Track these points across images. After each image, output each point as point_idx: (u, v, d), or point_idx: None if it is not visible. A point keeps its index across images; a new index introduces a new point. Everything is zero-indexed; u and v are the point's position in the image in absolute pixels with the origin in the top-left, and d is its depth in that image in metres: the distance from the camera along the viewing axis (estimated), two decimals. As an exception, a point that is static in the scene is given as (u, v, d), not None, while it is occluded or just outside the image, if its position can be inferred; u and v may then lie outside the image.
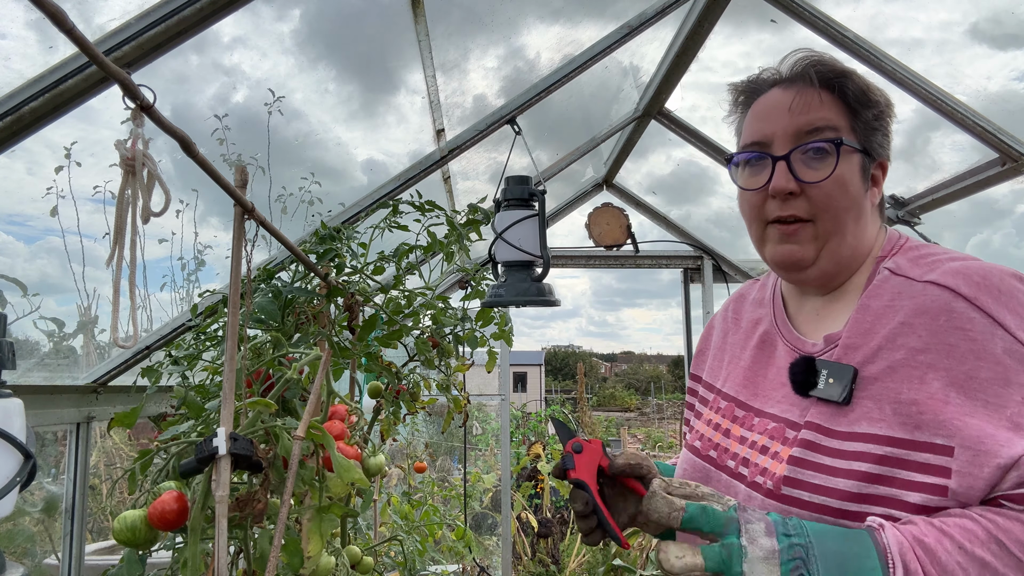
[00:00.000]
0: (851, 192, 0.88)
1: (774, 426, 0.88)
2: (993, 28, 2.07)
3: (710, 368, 1.10)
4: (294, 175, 2.35)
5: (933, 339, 0.77)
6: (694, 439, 1.03)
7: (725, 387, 1.02)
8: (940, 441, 0.73)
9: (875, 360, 0.80)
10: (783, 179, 0.88)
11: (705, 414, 1.04)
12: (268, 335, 1.34)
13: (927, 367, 0.76)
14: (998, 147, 2.26)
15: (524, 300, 1.68)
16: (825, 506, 0.76)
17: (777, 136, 0.90)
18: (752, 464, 0.88)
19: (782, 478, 0.81)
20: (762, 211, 0.93)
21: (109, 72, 0.66)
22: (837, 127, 0.88)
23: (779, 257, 0.92)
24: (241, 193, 1.00)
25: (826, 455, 0.79)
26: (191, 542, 0.91)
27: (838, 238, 0.89)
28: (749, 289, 1.13)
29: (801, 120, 0.89)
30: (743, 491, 0.88)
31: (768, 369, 0.96)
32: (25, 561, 2.41)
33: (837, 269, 0.92)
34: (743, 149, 0.95)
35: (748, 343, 1.02)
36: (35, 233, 2.13)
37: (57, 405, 1.86)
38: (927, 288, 0.81)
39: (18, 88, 1.13)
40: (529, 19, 2.12)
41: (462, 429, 4.50)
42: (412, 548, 2.90)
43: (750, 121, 0.95)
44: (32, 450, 0.82)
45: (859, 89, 0.90)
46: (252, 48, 1.83)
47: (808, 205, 0.89)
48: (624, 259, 3.69)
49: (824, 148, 0.87)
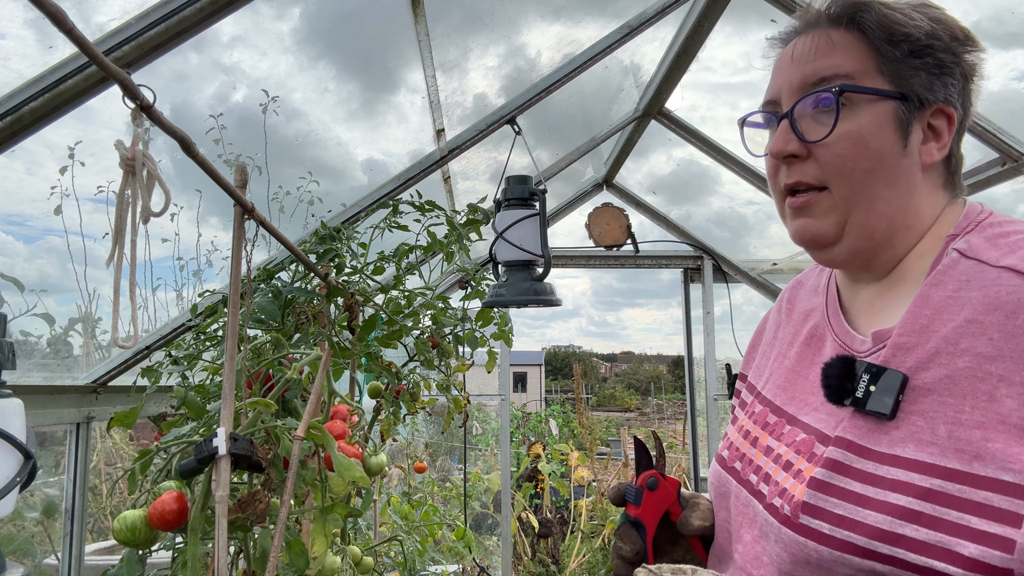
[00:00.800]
0: (875, 149, 0.71)
1: (804, 438, 0.73)
2: (995, 27, 2.07)
3: (757, 367, 0.94)
4: (294, 175, 2.36)
5: (1008, 344, 0.60)
6: (723, 448, 0.89)
7: (765, 389, 0.87)
8: (1010, 479, 0.56)
9: (930, 366, 0.64)
10: (782, 140, 0.75)
11: (740, 419, 0.90)
12: (268, 335, 1.34)
13: (999, 380, 0.59)
14: (998, 147, 2.26)
15: (525, 300, 1.68)
16: (849, 543, 0.62)
17: (783, 91, 0.77)
18: (773, 482, 0.73)
19: (800, 504, 0.66)
20: (776, 180, 0.79)
21: (109, 72, 0.66)
22: (850, 71, 0.72)
23: (795, 234, 0.78)
24: (241, 193, 1.00)
25: (856, 480, 0.64)
26: (191, 542, 0.91)
27: (865, 208, 0.72)
28: (808, 275, 0.95)
29: (807, 69, 0.74)
30: (760, 514, 0.74)
31: (811, 369, 0.80)
32: (25, 561, 2.41)
33: (873, 246, 0.74)
34: (759, 110, 0.82)
35: (796, 338, 0.86)
36: (35, 233, 2.13)
37: (57, 405, 1.86)
38: (1002, 275, 0.63)
39: (18, 88, 1.13)
40: (531, 17, 2.12)
41: (462, 429, 4.50)
42: (412, 548, 2.89)
43: (769, 80, 0.82)
44: (32, 450, 0.82)
45: (880, 20, 0.72)
46: (252, 47, 1.83)
47: (818, 168, 0.74)
48: (624, 259, 3.69)
49: (827, 99, 0.72)
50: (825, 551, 0.64)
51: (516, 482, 5.80)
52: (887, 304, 0.75)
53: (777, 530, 0.69)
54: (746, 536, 0.77)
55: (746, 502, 0.78)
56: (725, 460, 0.86)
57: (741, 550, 0.77)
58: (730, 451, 0.87)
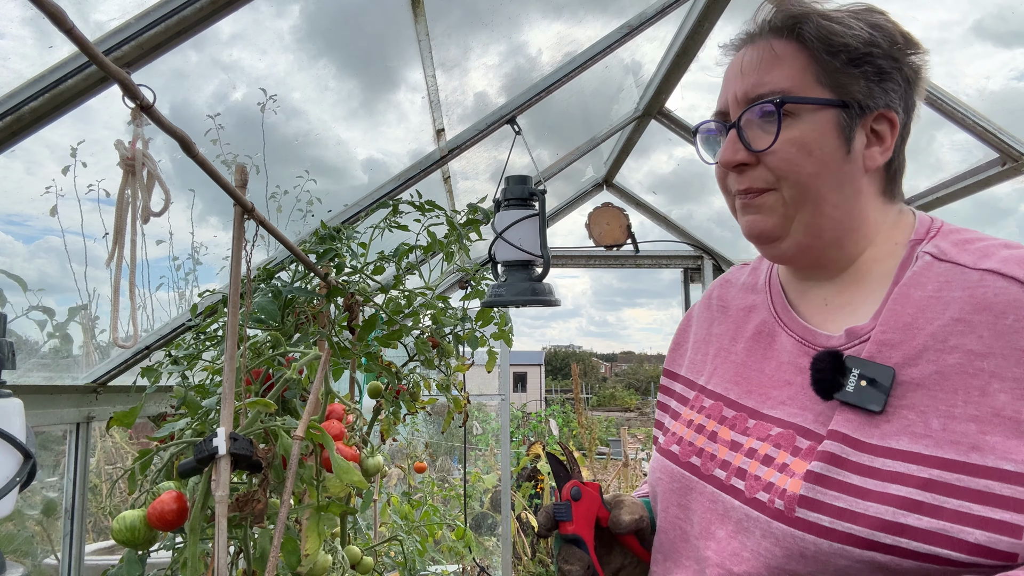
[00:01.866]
0: (819, 155, 0.74)
1: (780, 432, 0.74)
2: (998, 25, 2.07)
3: (691, 363, 0.95)
4: (294, 174, 2.35)
5: (998, 342, 0.63)
6: (670, 443, 0.87)
7: (711, 384, 0.88)
8: (1011, 468, 0.59)
9: (918, 362, 0.66)
10: (730, 150, 0.79)
11: (684, 414, 0.89)
12: (268, 335, 1.34)
13: (991, 375, 0.62)
14: (998, 147, 2.26)
15: (524, 300, 1.68)
16: (850, 535, 0.63)
17: (731, 102, 0.80)
18: (751, 476, 0.73)
19: (797, 497, 0.67)
20: (726, 184, 0.84)
21: (109, 72, 0.66)
22: (790, 83, 0.75)
23: (745, 229, 0.82)
24: (241, 193, 0.99)
25: (854, 473, 0.65)
26: (191, 542, 0.91)
27: (811, 208, 0.76)
28: (737, 274, 0.98)
29: (750, 81, 0.77)
30: (738, 509, 0.73)
31: (766, 364, 0.82)
32: (25, 561, 2.41)
33: (820, 244, 0.78)
34: (708, 119, 0.85)
35: (740, 334, 0.88)
36: (34, 233, 2.13)
37: (57, 405, 1.86)
38: (985, 278, 0.66)
39: (18, 88, 1.13)
40: (532, 15, 2.12)
41: (462, 429, 4.50)
42: (412, 548, 2.89)
43: (720, 89, 0.85)
44: (32, 450, 0.82)
45: (818, 33, 0.75)
46: (251, 44, 1.83)
47: (767, 174, 0.77)
48: (624, 259, 3.69)
49: (767, 110, 0.76)
50: (825, 544, 0.64)
51: (516, 482, 5.80)
52: (846, 303, 0.78)
53: (766, 525, 0.69)
54: (719, 532, 0.76)
55: (713, 498, 0.77)
56: (678, 456, 0.85)
57: (715, 547, 0.75)
58: (681, 447, 0.85)
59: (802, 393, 0.75)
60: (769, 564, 0.69)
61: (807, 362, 0.76)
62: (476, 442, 7.03)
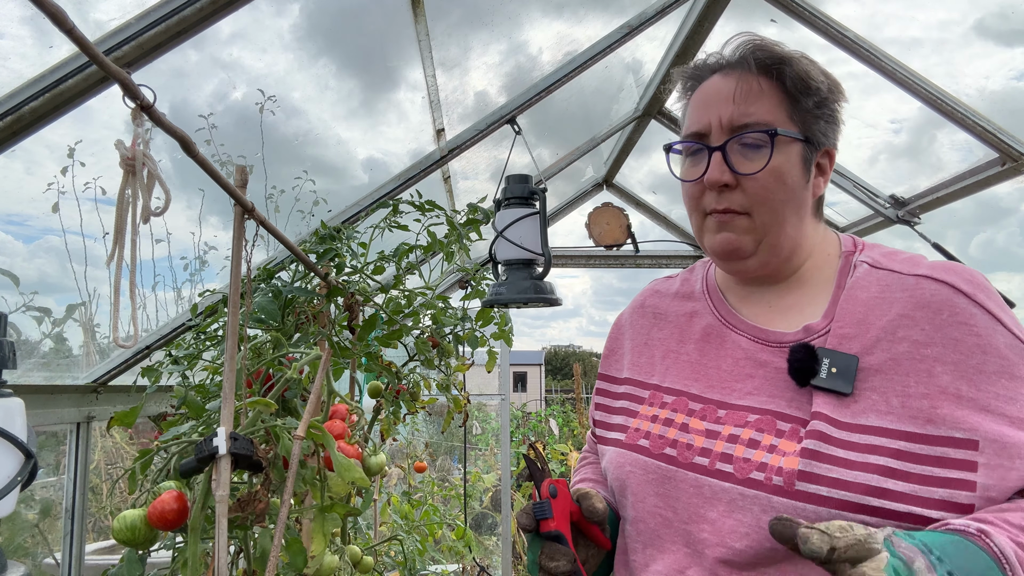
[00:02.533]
0: (789, 183, 0.86)
1: (758, 418, 0.82)
2: (998, 25, 2.07)
3: (634, 365, 1.02)
4: (294, 173, 2.35)
5: (937, 333, 0.76)
6: (636, 438, 0.92)
7: (666, 382, 0.95)
8: (960, 435, 0.71)
9: (874, 351, 0.78)
10: (717, 171, 0.86)
11: (643, 412, 0.95)
12: (268, 335, 1.34)
13: (934, 360, 0.75)
14: (998, 147, 2.26)
15: (525, 298, 1.68)
16: (844, 501, 0.72)
17: (714, 126, 0.87)
18: (738, 460, 0.80)
19: (796, 473, 0.75)
20: (700, 202, 0.90)
21: (109, 72, 0.66)
22: (773, 117, 0.85)
23: (717, 246, 0.89)
24: (241, 193, 1.00)
25: (839, 447, 0.75)
26: (191, 542, 0.91)
27: (776, 230, 0.87)
28: (663, 284, 1.08)
29: (737, 110, 0.86)
30: (728, 490, 0.80)
31: (722, 361, 0.91)
32: (25, 561, 2.41)
33: (779, 261, 0.90)
34: (683, 139, 0.92)
35: (687, 336, 0.97)
36: (34, 232, 2.13)
37: (57, 405, 1.86)
38: (921, 282, 0.80)
39: (18, 88, 1.13)
40: (533, 14, 2.12)
41: (462, 429, 4.50)
42: (412, 548, 2.90)
43: (691, 110, 0.92)
44: (33, 450, 0.82)
45: (798, 76, 0.86)
46: (251, 43, 1.82)
47: (744, 198, 0.86)
48: (624, 259, 3.69)
49: (758, 140, 0.85)
50: (824, 511, 0.73)
51: (516, 482, 5.80)
52: (791, 305, 0.90)
53: (766, 500, 0.77)
54: (711, 514, 0.81)
55: (697, 484, 0.83)
56: (649, 449, 0.90)
57: (709, 528, 0.81)
58: (651, 440, 0.90)
59: (767, 383, 0.85)
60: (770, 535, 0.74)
61: (766, 356, 0.87)
62: (476, 442, 7.04)
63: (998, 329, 0.75)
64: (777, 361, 0.85)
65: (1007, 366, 0.74)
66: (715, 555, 0.80)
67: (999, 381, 0.73)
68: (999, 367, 0.74)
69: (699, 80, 0.93)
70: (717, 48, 0.94)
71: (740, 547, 0.78)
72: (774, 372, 0.85)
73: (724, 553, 0.79)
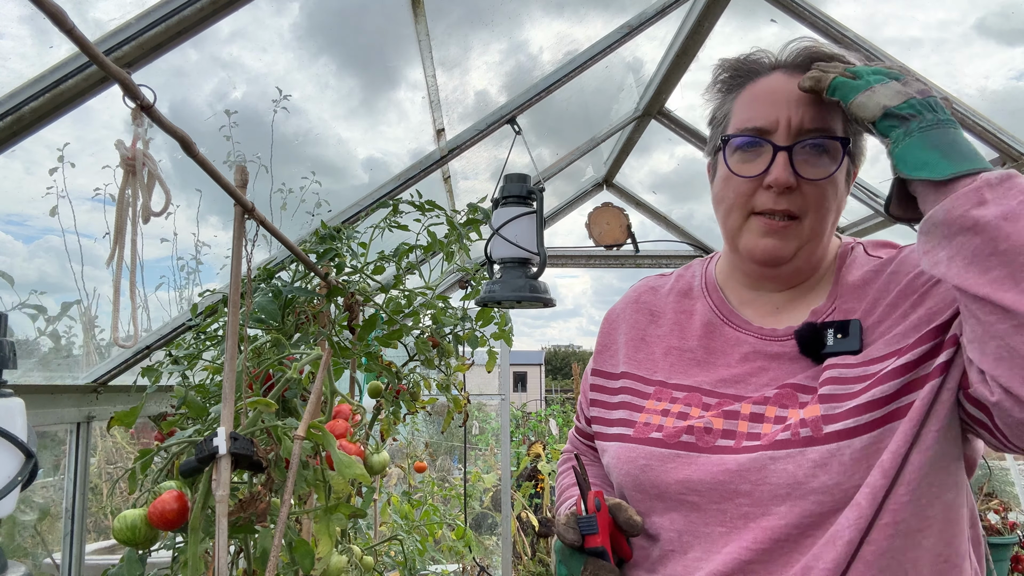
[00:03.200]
0: (839, 193, 0.88)
1: (777, 392, 0.85)
2: (998, 24, 2.07)
3: (632, 360, 1.00)
4: (294, 172, 2.35)
5: (907, 287, 0.83)
6: (647, 431, 0.90)
7: (673, 379, 0.94)
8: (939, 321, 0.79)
9: (874, 310, 0.84)
10: (784, 172, 0.84)
11: (649, 406, 0.93)
12: (268, 335, 1.34)
13: (924, 295, 0.82)
14: (998, 147, 2.26)
15: (519, 297, 1.67)
16: (872, 421, 0.77)
17: (781, 124, 0.86)
18: (767, 429, 0.82)
19: (820, 417, 0.79)
20: (750, 200, 0.88)
21: (110, 72, 0.66)
22: (838, 127, 0.87)
23: (760, 250, 0.88)
24: (241, 193, 1.00)
25: (853, 383, 0.80)
26: (191, 542, 0.91)
27: (818, 238, 0.89)
28: (658, 281, 1.08)
29: (809, 113, 0.85)
30: (756, 458, 0.81)
31: (730, 358, 0.92)
32: (25, 561, 2.41)
33: (808, 267, 0.93)
34: (741, 132, 0.89)
35: (687, 334, 0.97)
36: (33, 232, 2.13)
37: (57, 405, 1.86)
38: (891, 261, 0.88)
39: (19, 88, 1.13)
40: (535, 12, 2.12)
41: (462, 429, 4.50)
42: (412, 548, 2.90)
43: (749, 103, 0.90)
44: (33, 449, 0.82)
45: None
46: (251, 42, 1.82)
47: (802, 202, 0.86)
48: (624, 259, 3.69)
49: (826, 146, 0.85)
50: (857, 443, 0.76)
51: (516, 481, 5.80)
52: (798, 305, 0.93)
53: (800, 455, 0.78)
54: (743, 487, 0.81)
55: (722, 462, 0.83)
56: (663, 441, 0.88)
57: (746, 500, 0.81)
58: (664, 432, 0.89)
59: (783, 372, 0.87)
60: (812, 488, 0.77)
61: (776, 349, 0.89)
62: (476, 442, 7.03)
63: None
64: (788, 351, 0.87)
65: None
66: (760, 526, 0.78)
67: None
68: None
69: (752, 75, 0.91)
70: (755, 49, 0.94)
71: (783, 510, 0.77)
72: (788, 361, 0.87)
73: (771, 522, 0.78)
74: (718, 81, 0.96)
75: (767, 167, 0.85)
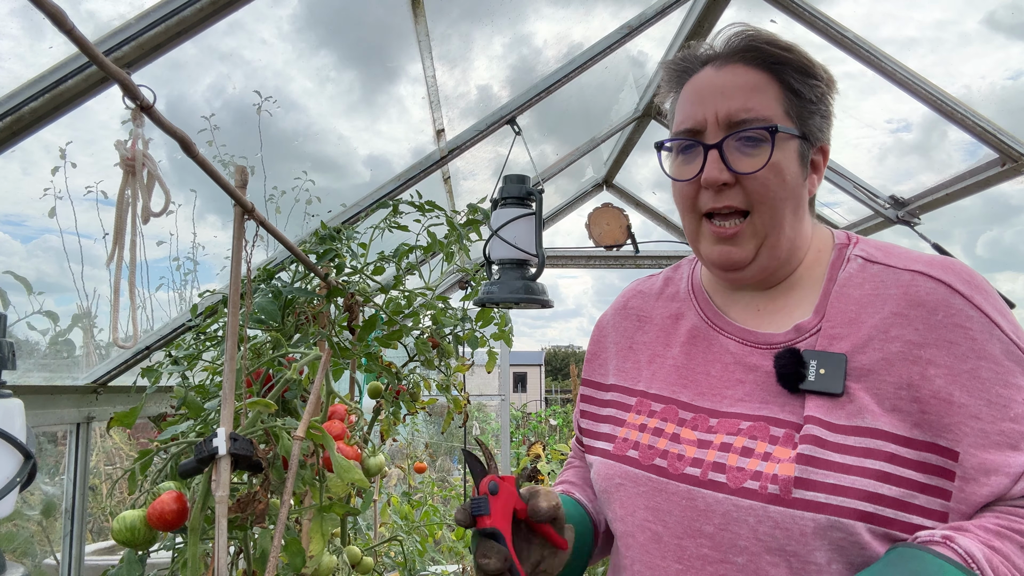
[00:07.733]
0: (788, 181, 0.82)
1: (751, 425, 0.79)
2: (998, 24, 2.07)
3: (619, 370, 0.98)
4: (294, 170, 2.35)
5: (932, 334, 0.74)
6: (625, 448, 0.88)
7: (653, 388, 0.91)
8: (944, 444, 0.71)
9: (866, 350, 0.76)
10: (715, 169, 0.81)
11: (630, 420, 0.91)
12: (268, 335, 1.34)
13: (927, 363, 0.73)
14: (998, 147, 2.26)
15: (516, 298, 1.67)
16: (842, 507, 0.70)
17: (709, 122, 0.83)
18: (732, 469, 0.77)
19: (792, 480, 0.72)
20: (696, 203, 0.86)
21: (110, 73, 0.66)
22: (772, 112, 0.81)
23: (715, 257, 0.85)
24: (241, 193, 0.99)
25: (835, 452, 0.72)
26: (191, 542, 0.91)
27: (776, 233, 0.83)
28: (646, 284, 1.04)
29: (734, 105, 0.81)
30: (722, 501, 0.76)
31: (710, 366, 0.87)
32: (25, 561, 2.41)
33: (776, 265, 0.86)
34: (674, 135, 0.87)
35: (672, 339, 0.93)
36: (32, 233, 2.13)
37: (57, 405, 1.86)
38: (916, 278, 0.77)
39: (18, 88, 1.13)
40: (538, 3, 2.11)
41: (462, 429, 4.50)
42: (412, 548, 2.90)
43: (682, 104, 0.87)
44: (32, 450, 0.82)
45: (798, 69, 0.82)
46: (250, 34, 1.80)
47: (744, 196, 0.82)
48: (624, 259, 3.69)
49: (757, 136, 0.81)
50: (822, 518, 0.70)
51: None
52: (780, 307, 0.87)
53: (762, 511, 0.73)
54: (706, 528, 0.78)
55: (690, 496, 0.79)
56: (639, 460, 0.86)
57: (708, 543, 0.78)
58: (640, 451, 0.86)
59: (759, 388, 0.81)
60: (769, 547, 0.73)
61: (756, 360, 0.83)
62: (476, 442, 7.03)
63: (995, 333, 0.73)
64: (767, 365, 0.82)
65: (1002, 373, 0.71)
66: (717, 572, 0.76)
67: (992, 388, 0.71)
68: (994, 374, 0.71)
69: (688, 73, 0.88)
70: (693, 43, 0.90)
71: (741, 562, 0.75)
72: (764, 376, 0.81)
73: (727, 570, 0.76)
74: (667, 83, 0.93)
75: (701, 168, 0.83)
